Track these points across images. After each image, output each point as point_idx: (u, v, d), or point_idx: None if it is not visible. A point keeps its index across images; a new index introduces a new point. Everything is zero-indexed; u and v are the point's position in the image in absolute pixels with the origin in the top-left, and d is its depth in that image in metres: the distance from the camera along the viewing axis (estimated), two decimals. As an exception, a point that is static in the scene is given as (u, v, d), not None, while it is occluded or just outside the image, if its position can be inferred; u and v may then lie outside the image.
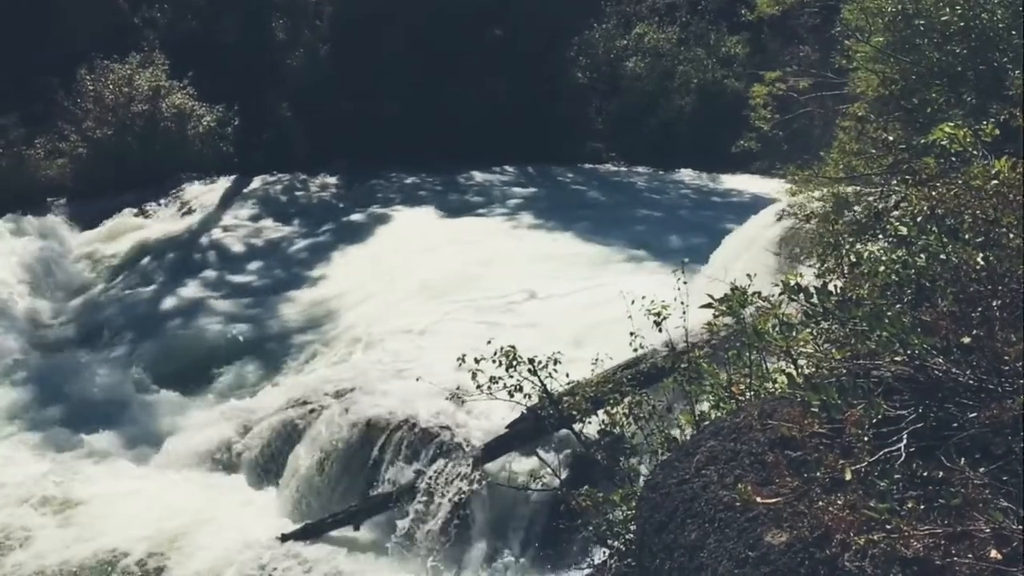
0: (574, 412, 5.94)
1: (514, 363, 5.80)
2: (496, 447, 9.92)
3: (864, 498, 2.79)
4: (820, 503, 2.91)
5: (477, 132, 27.33)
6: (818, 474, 2.91)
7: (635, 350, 6.02)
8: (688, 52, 31.15)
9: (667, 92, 30.52)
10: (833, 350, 3.75)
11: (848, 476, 2.81)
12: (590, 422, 6.11)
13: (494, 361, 5.90)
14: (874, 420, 2.94)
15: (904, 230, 3.47)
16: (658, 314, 5.39)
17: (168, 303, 17.39)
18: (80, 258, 20.37)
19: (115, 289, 18.41)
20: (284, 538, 10.34)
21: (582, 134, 30.00)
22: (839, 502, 2.81)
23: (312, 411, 11.92)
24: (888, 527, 2.64)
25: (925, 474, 2.84)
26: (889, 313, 3.23)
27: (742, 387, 4.40)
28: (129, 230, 21.40)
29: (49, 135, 23.69)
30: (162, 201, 23.18)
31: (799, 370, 3.76)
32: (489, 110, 28.00)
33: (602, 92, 31.53)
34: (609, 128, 30.62)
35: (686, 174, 27.83)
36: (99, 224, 21.62)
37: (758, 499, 2.98)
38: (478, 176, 26.44)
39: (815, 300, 3.51)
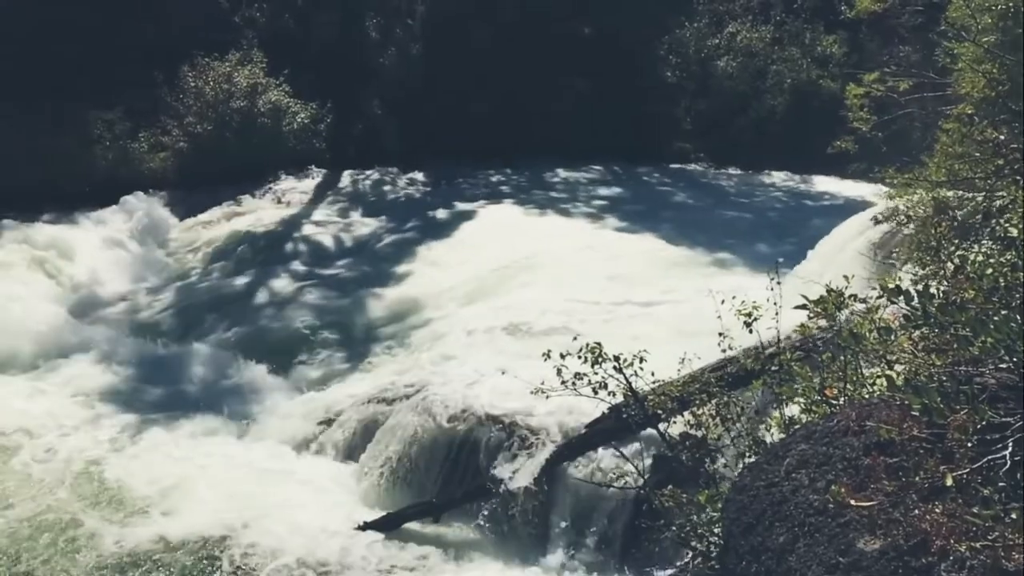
0: (659, 411, 5.90)
1: (599, 360, 5.79)
2: (577, 445, 9.91)
3: (964, 506, 2.70)
4: (917, 510, 2.83)
5: (563, 130, 27.35)
6: (917, 479, 2.83)
7: (723, 351, 5.95)
8: (782, 51, 30.53)
9: (759, 92, 29.99)
10: (933, 356, 3.64)
11: (949, 482, 2.73)
12: (675, 422, 6.06)
13: (579, 357, 5.89)
14: (978, 426, 2.84)
15: (1015, 232, 3.34)
16: (749, 315, 5.31)
17: (260, 292, 17.91)
18: (179, 247, 21.15)
19: (210, 278, 19.06)
20: (364, 527, 10.53)
21: (670, 134, 29.71)
22: (937, 509, 2.73)
23: (394, 403, 12.11)
24: (991, 536, 2.55)
25: (1031, 485, 2.74)
26: (995, 318, 3.12)
27: (835, 391, 4.30)
28: (225, 221, 22.13)
29: (153, 129, 24.64)
30: (257, 194, 23.91)
31: (897, 375, 3.65)
32: (576, 108, 27.98)
33: (691, 91, 31.17)
34: (698, 128, 30.26)
35: (777, 176, 27.29)
36: (197, 215, 22.43)
37: (852, 502, 2.91)
38: (563, 174, 26.45)
39: (916, 303, 3.41)
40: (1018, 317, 3.25)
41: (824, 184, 25.82)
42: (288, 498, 11.12)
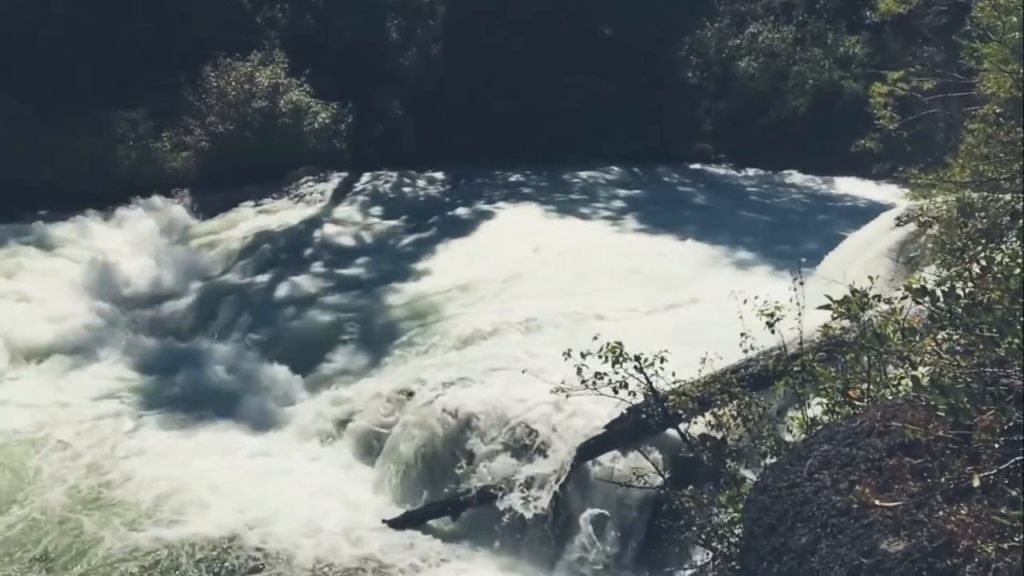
0: (680, 411, 5.88)
1: (620, 359, 5.77)
2: (596, 445, 9.90)
3: (991, 507, 2.68)
4: (942, 512, 2.81)
5: (583, 131, 27.34)
6: (942, 480, 2.80)
7: (744, 351, 5.92)
8: (804, 52, 30.38)
9: (780, 93, 29.86)
10: (958, 358, 3.61)
11: (976, 483, 2.70)
12: (695, 422, 6.04)
13: (599, 356, 5.88)
14: (1005, 427, 2.82)
15: (1042, 232, 3.30)
16: (771, 315, 5.28)
17: (281, 292, 18.00)
18: (200, 247, 21.29)
19: (230, 277, 19.17)
20: (386, 524, 10.57)
21: (690, 134, 29.64)
22: (963, 511, 2.71)
23: (412, 401, 12.16)
24: (1018, 537, 2.52)
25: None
26: (1022, 319, 3.08)
27: (859, 392, 4.27)
28: (246, 221, 22.28)
29: (175, 129, 24.82)
30: (277, 194, 24.03)
31: (922, 376, 3.62)
32: (596, 109, 27.95)
33: (712, 92, 31.09)
34: (718, 129, 30.17)
35: (798, 177, 27.16)
36: (219, 214, 22.60)
37: (876, 502, 2.89)
38: (583, 175, 26.42)
39: (942, 304, 3.38)
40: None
41: (846, 185, 25.67)
42: (305, 496, 11.20)
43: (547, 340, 13.00)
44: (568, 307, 14.94)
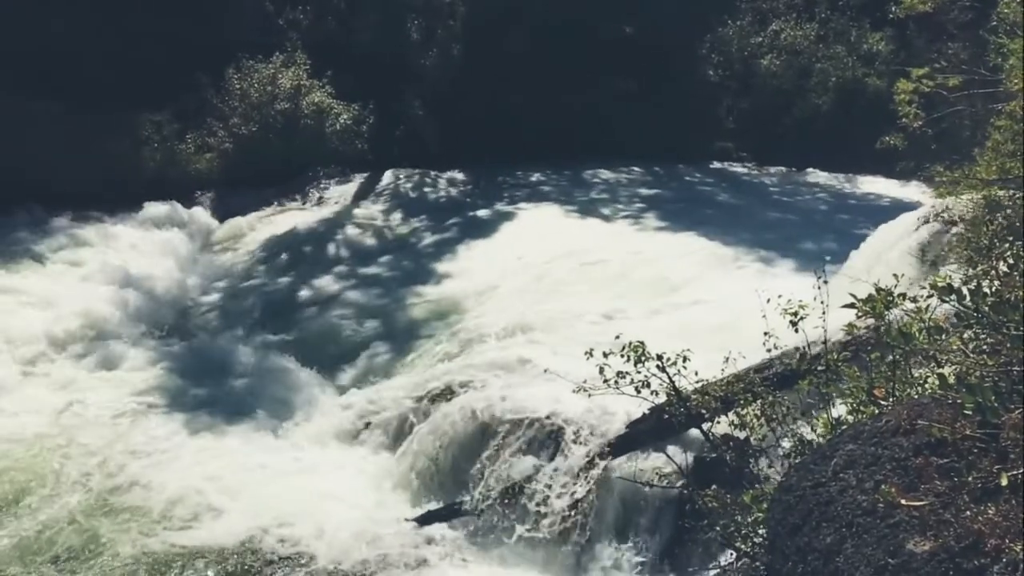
0: (703, 411, 5.87)
1: (642, 359, 5.77)
2: (618, 446, 9.89)
3: (1019, 507, 2.65)
4: (969, 511, 2.79)
5: (604, 130, 27.25)
6: (969, 479, 2.78)
7: (768, 351, 5.89)
8: (827, 49, 30.12)
9: (803, 91, 29.62)
10: (985, 356, 3.58)
11: (1004, 482, 2.68)
12: (719, 422, 6.02)
13: (622, 356, 5.88)
14: (1034, 426, 2.79)
15: (1071, 230, 3.27)
16: (795, 314, 5.25)
17: (303, 292, 18.11)
18: (223, 248, 21.47)
19: (253, 277, 19.30)
20: (408, 523, 10.61)
21: (712, 133, 29.47)
22: (991, 510, 2.69)
23: (435, 401, 12.20)
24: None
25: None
26: (1051, 318, 3.06)
27: (884, 391, 4.24)
28: (268, 222, 22.43)
29: (199, 131, 25.04)
30: (300, 194, 24.20)
31: (948, 375, 3.60)
32: (617, 108, 27.85)
33: (734, 90, 30.90)
34: (740, 127, 29.97)
35: (821, 175, 26.94)
36: (241, 215, 22.75)
37: (902, 501, 2.87)
38: (604, 174, 26.35)
39: (968, 302, 3.36)
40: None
41: (870, 184, 25.44)
42: (329, 495, 11.26)
43: (569, 339, 12.99)
44: (593, 306, 14.93)
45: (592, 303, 15.12)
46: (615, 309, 14.74)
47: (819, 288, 5.35)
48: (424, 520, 10.65)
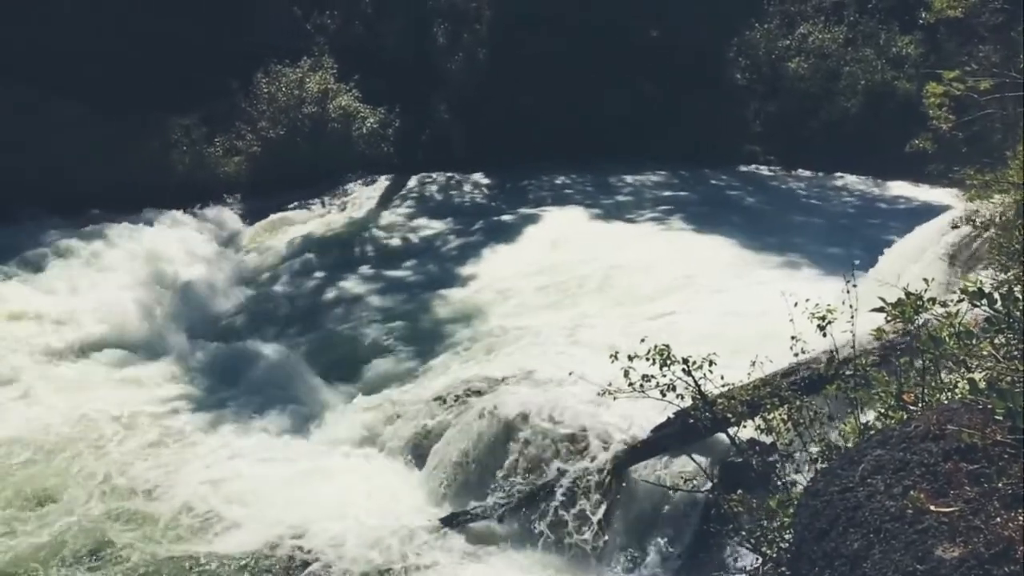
0: (729, 415, 5.83)
1: (668, 362, 5.74)
2: (642, 450, 9.85)
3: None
4: (999, 517, 2.75)
5: (630, 134, 27.20)
6: (1000, 485, 2.75)
7: (795, 355, 5.85)
8: (856, 52, 29.88)
9: (831, 94, 29.39)
10: (1016, 361, 3.53)
11: (1035, 488, 2.64)
12: (745, 426, 5.98)
13: (647, 359, 5.85)
14: (1066, 432, 2.75)
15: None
16: (823, 318, 5.21)
17: (329, 295, 18.21)
18: (250, 251, 21.64)
19: (281, 281, 19.43)
20: (431, 524, 10.62)
21: (739, 136, 29.32)
22: (1021, 517, 2.65)
23: (459, 404, 12.21)
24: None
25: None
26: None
27: (913, 396, 4.20)
28: (295, 225, 22.60)
29: (228, 134, 25.30)
30: (326, 198, 24.39)
31: (979, 380, 3.55)
32: (644, 111, 27.81)
33: (761, 94, 30.72)
34: (767, 130, 29.79)
35: (849, 179, 26.71)
36: (269, 219, 22.94)
37: (931, 507, 2.84)
38: (630, 178, 26.28)
39: (999, 307, 3.32)
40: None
41: (899, 187, 25.20)
42: (353, 497, 11.28)
43: (596, 342, 12.97)
44: (618, 309, 14.90)
45: (620, 305, 15.09)
46: (638, 312, 14.69)
47: (847, 292, 5.31)
48: (449, 522, 10.65)
